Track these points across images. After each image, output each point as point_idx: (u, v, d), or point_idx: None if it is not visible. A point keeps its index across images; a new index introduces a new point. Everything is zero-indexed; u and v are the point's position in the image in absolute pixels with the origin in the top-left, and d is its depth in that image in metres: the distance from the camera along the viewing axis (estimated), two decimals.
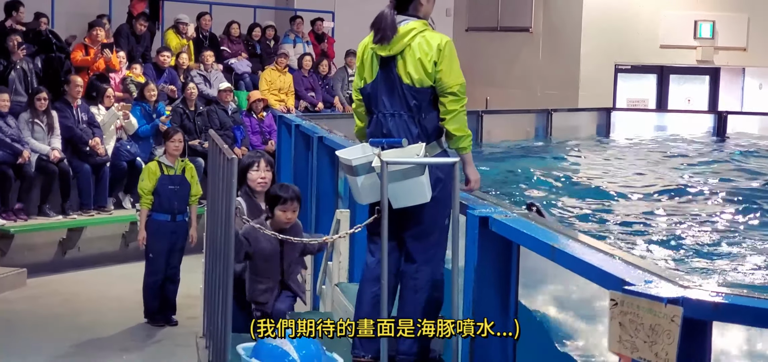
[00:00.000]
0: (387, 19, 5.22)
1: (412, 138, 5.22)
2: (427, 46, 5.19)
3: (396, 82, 5.25)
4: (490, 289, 4.77)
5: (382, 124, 5.31)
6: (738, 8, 20.70)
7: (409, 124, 5.24)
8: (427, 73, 5.18)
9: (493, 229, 4.64)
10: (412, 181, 4.99)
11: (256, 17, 17.91)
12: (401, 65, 5.24)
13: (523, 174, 13.06)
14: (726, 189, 11.63)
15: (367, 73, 5.40)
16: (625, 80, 21.66)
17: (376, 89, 5.34)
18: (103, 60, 13.45)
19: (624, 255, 3.76)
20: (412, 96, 5.22)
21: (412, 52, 5.21)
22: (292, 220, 6.36)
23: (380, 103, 5.32)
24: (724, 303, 3.11)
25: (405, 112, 5.24)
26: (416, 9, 5.31)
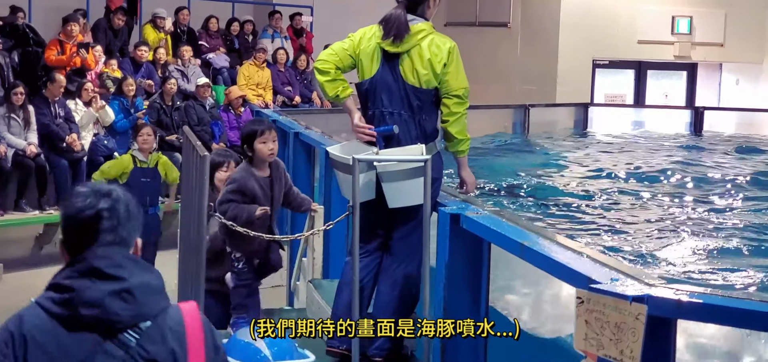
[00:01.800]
0: (400, 18, 5.26)
1: (411, 138, 5.25)
2: (437, 48, 5.24)
3: (398, 81, 5.28)
4: (462, 286, 4.81)
5: (378, 122, 5.33)
6: (715, 4, 20.81)
7: (409, 124, 5.27)
8: (436, 74, 5.23)
9: (464, 227, 4.67)
10: (413, 182, 5.02)
11: (235, 12, 17.87)
12: (407, 64, 5.26)
13: (499, 169, 13.11)
14: (697, 187, 11.71)
15: (367, 68, 5.39)
16: (603, 75, 21.75)
17: (375, 85, 5.35)
18: (79, 58, 13.34)
19: (592, 254, 3.80)
20: (416, 96, 5.25)
21: (421, 52, 5.25)
22: (274, 152, 6.17)
23: (378, 101, 5.33)
24: (688, 301, 3.16)
25: (405, 111, 5.27)
26: (424, 11, 5.37)
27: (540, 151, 15.69)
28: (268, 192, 6.12)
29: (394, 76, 5.28)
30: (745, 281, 6.98)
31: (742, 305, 3.14)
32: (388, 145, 5.26)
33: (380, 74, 5.32)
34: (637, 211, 9.76)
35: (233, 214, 5.96)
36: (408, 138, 5.24)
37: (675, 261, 7.39)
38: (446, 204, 5.01)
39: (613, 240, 8.01)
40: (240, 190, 6.03)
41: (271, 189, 6.16)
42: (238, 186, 6.04)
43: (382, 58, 5.33)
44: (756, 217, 9.51)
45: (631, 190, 11.40)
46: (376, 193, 5.16)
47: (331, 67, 5.44)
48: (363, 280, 5.36)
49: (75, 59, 13.24)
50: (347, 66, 5.50)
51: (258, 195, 6.05)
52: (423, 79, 5.24)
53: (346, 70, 5.52)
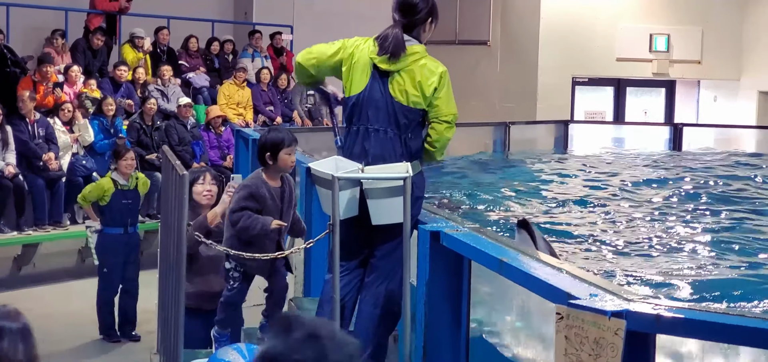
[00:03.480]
0: (398, 38, 5.28)
1: (396, 156, 5.25)
2: (429, 71, 5.27)
3: (386, 98, 5.28)
4: (442, 303, 4.80)
5: (362, 138, 5.33)
6: (692, 22, 20.95)
7: (395, 143, 5.27)
8: (425, 96, 5.25)
9: (444, 244, 4.67)
10: (398, 200, 5.02)
11: (215, 31, 17.86)
12: (397, 83, 5.27)
13: (480, 187, 13.13)
14: (675, 202, 11.77)
15: (356, 83, 5.39)
16: (582, 93, 21.84)
17: (362, 101, 5.35)
18: (53, 98, 13.19)
19: (571, 269, 3.81)
20: (404, 114, 5.26)
21: (413, 73, 5.26)
22: (293, 165, 6.03)
23: (364, 116, 5.33)
24: (667, 316, 3.17)
25: (392, 129, 5.28)
26: (419, 34, 5.40)
27: (520, 168, 15.72)
28: (278, 204, 5.95)
29: (382, 93, 5.29)
30: (724, 295, 7.01)
31: (720, 319, 3.15)
32: (370, 162, 5.26)
33: (369, 90, 5.33)
34: (617, 227, 9.79)
35: (245, 225, 5.77)
36: (393, 156, 5.25)
37: (654, 276, 7.42)
38: (426, 221, 5.02)
39: (593, 255, 8.03)
40: (252, 195, 5.84)
41: (281, 201, 5.99)
42: (250, 191, 5.86)
43: (372, 74, 5.34)
44: (734, 232, 9.56)
45: (611, 206, 11.44)
46: (359, 210, 5.15)
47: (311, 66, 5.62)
48: (344, 298, 5.35)
49: (48, 99, 13.09)
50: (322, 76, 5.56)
51: (268, 203, 5.88)
52: (412, 99, 5.25)
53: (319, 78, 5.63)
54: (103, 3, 15.70)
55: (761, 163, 17.05)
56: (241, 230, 5.79)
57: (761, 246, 8.87)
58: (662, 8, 20.96)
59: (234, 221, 5.83)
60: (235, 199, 5.98)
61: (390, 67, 5.29)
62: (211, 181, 6.80)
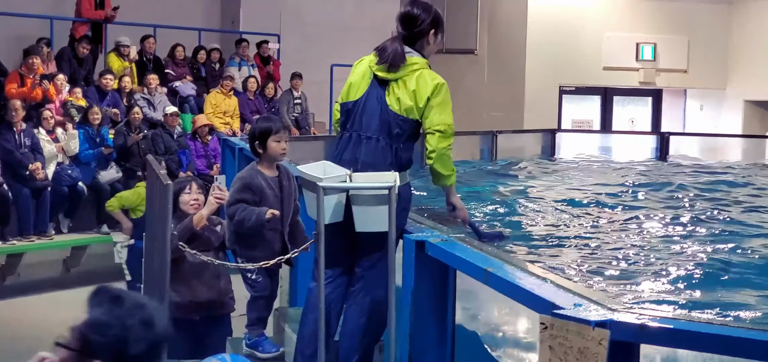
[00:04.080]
0: (396, 49, 5.30)
1: (386, 165, 5.25)
2: (424, 82, 5.27)
3: (382, 106, 5.29)
4: (428, 313, 4.79)
5: (354, 145, 5.33)
6: (678, 31, 21.03)
7: (386, 152, 5.28)
8: (418, 106, 5.25)
9: (429, 253, 4.66)
10: (383, 209, 5.01)
11: (201, 40, 17.83)
12: (393, 91, 5.29)
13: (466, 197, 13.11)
14: (661, 212, 11.78)
15: (355, 90, 5.43)
16: (569, 102, 21.90)
17: (358, 108, 5.37)
18: (41, 90, 13.20)
19: (555, 279, 3.80)
20: (397, 123, 5.27)
21: (408, 82, 5.27)
22: (286, 151, 6.00)
23: (357, 123, 5.34)
24: (651, 326, 3.16)
25: (384, 137, 5.27)
26: (422, 47, 5.42)
27: (507, 176, 15.73)
28: (277, 192, 5.90)
29: (378, 101, 5.31)
30: (708, 305, 7.01)
31: (704, 329, 3.15)
32: (359, 169, 5.25)
33: (366, 98, 5.36)
34: (602, 236, 9.78)
35: (241, 218, 5.72)
36: (383, 164, 5.25)
37: (639, 285, 7.41)
38: (411, 230, 5.01)
39: (579, 265, 8.02)
40: (247, 187, 5.80)
41: (280, 190, 5.94)
42: (245, 182, 5.80)
43: (372, 83, 5.35)
44: (719, 242, 9.56)
45: (597, 215, 11.44)
46: (344, 216, 5.14)
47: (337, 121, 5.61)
48: (329, 306, 5.33)
49: (36, 91, 13.10)
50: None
51: (266, 193, 5.83)
52: (404, 107, 5.26)
53: None
54: (88, 11, 15.66)
55: (747, 172, 17.09)
56: (238, 223, 5.74)
57: (746, 256, 8.87)
58: (649, 17, 21.04)
59: (230, 215, 5.79)
60: (230, 193, 5.93)
61: (388, 76, 5.30)
62: (198, 190, 6.75)
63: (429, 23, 5.41)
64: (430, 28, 5.42)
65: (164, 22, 17.03)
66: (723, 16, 21.13)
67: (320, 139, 14.21)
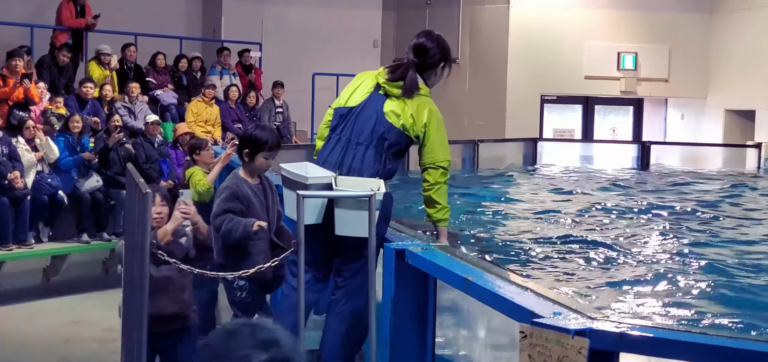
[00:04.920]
0: (413, 80, 5.46)
1: (373, 172, 5.30)
2: (424, 111, 5.44)
3: (379, 116, 5.39)
4: (408, 321, 4.78)
5: (342, 149, 5.36)
6: (659, 40, 21.10)
7: (375, 160, 5.36)
8: (415, 128, 5.41)
9: (409, 262, 4.65)
10: (365, 214, 5.01)
11: (183, 48, 17.79)
12: (392, 105, 5.40)
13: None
14: (642, 221, 11.81)
15: (353, 98, 5.53)
16: (551, 111, 21.94)
17: (354, 114, 5.44)
18: (22, 89, 13.16)
19: (535, 288, 3.80)
20: (391, 134, 5.40)
21: (408, 105, 5.41)
22: (268, 169, 5.93)
23: (348, 129, 5.40)
24: (630, 334, 3.16)
25: (375, 145, 5.35)
26: (430, 77, 5.61)
27: (488, 185, 15.74)
28: (262, 200, 5.81)
29: (376, 111, 5.41)
30: (687, 314, 7.04)
31: (684, 338, 3.15)
32: (344, 173, 5.28)
33: (363, 106, 5.45)
34: (582, 245, 9.81)
35: (228, 228, 5.60)
36: (369, 170, 5.30)
37: (619, 294, 7.43)
38: (391, 239, 5.00)
39: (559, 274, 8.04)
40: (235, 196, 5.69)
41: (264, 198, 5.85)
42: (232, 191, 5.71)
43: (372, 93, 5.44)
44: (699, 252, 9.61)
45: (578, 224, 11.47)
46: (325, 220, 5.14)
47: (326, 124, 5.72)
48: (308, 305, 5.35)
49: (18, 90, 13.05)
50: None
51: (253, 201, 5.74)
52: (403, 123, 5.40)
53: None
54: (69, 19, 15.60)
55: (728, 181, 17.17)
56: (225, 235, 5.65)
57: (726, 266, 8.91)
58: (630, 27, 21.10)
59: (216, 226, 5.69)
60: (217, 203, 5.84)
61: (393, 92, 5.43)
62: (161, 202, 6.43)
63: (439, 56, 5.59)
64: (440, 61, 5.61)
65: (145, 31, 16.99)
66: (703, 26, 21.23)
67: (302, 148, 14.19)
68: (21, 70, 13.39)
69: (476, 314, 5.22)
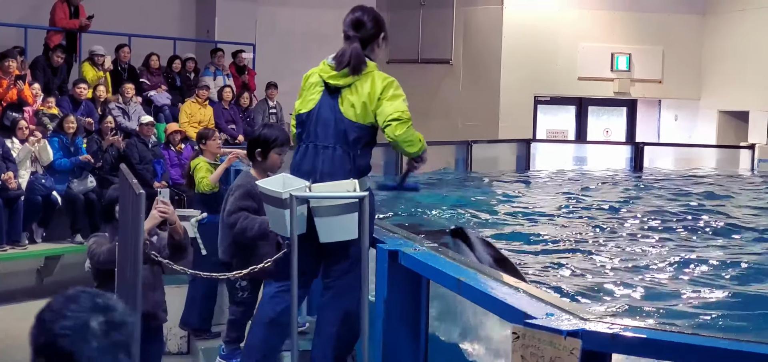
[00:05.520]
0: (358, 51, 5.33)
1: (345, 173, 5.25)
2: (374, 83, 5.30)
3: (336, 115, 5.31)
4: (401, 322, 4.79)
5: (312, 156, 5.33)
6: (653, 41, 21.13)
7: (344, 160, 5.28)
8: (371, 109, 5.27)
9: (402, 263, 4.66)
10: (346, 217, 5.00)
11: (176, 49, 17.77)
12: (346, 99, 5.31)
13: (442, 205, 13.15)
14: (635, 221, 11.83)
15: (307, 101, 5.45)
16: (544, 112, 21.96)
17: (312, 118, 5.38)
18: (16, 90, 13.14)
19: (528, 288, 3.80)
20: (353, 130, 5.28)
21: (360, 88, 5.30)
22: (281, 165, 5.95)
23: (313, 134, 5.35)
24: (623, 335, 3.16)
25: (341, 146, 5.28)
26: (372, 51, 5.47)
27: (482, 186, 15.76)
28: None
29: (332, 110, 5.31)
30: (680, 315, 7.05)
31: (677, 339, 3.15)
32: (317, 179, 5.25)
33: (319, 107, 5.36)
34: (575, 246, 9.83)
35: (243, 226, 5.62)
36: (342, 172, 5.25)
37: (612, 295, 7.45)
38: (384, 240, 5.00)
39: (551, 275, 8.05)
40: (248, 194, 5.72)
41: None
42: (246, 190, 5.73)
43: (323, 92, 5.35)
44: (693, 253, 9.63)
45: (571, 225, 11.49)
46: (307, 228, 5.14)
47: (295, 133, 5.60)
48: (279, 317, 5.35)
49: (11, 92, 13.04)
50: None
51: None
52: (359, 113, 5.28)
53: None
54: (63, 20, 15.58)
55: (721, 182, 17.20)
56: (240, 232, 5.64)
57: (719, 267, 8.93)
58: (623, 28, 21.14)
59: (231, 223, 5.69)
60: (230, 201, 5.83)
61: (339, 83, 5.32)
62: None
63: (377, 29, 5.48)
64: (377, 33, 5.48)
65: (139, 32, 16.97)
66: (697, 27, 21.27)
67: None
68: (14, 71, 13.37)
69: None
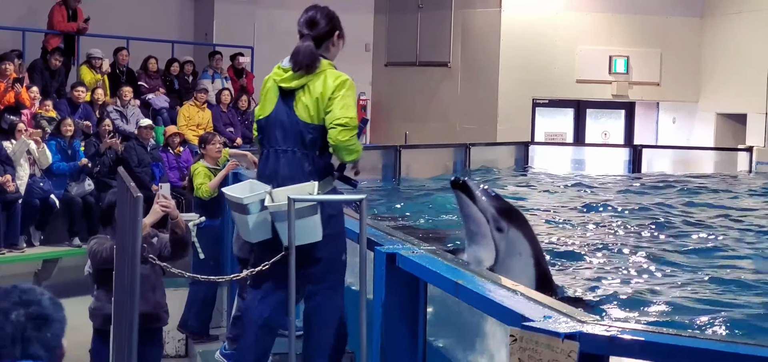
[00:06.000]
0: (311, 49, 5.32)
1: (304, 176, 5.24)
2: (327, 82, 5.27)
3: (292, 118, 5.30)
4: (399, 325, 4.78)
5: (272, 160, 5.34)
6: (651, 44, 21.14)
7: (303, 162, 5.27)
8: (324, 108, 5.25)
9: (400, 266, 4.65)
10: (308, 220, 5.01)
11: (175, 52, 17.77)
12: (300, 100, 5.29)
13: (439, 207, 13.16)
14: (633, 224, 11.84)
15: (264, 106, 5.46)
16: (542, 114, 21.97)
17: (270, 123, 5.39)
18: (13, 93, 13.14)
19: (526, 291, 3.80)
20: (308, 131, 5.26)
21: (313, 87, 5.28)
22: None
23: (272, 139, 5.36)
24: (620, 338, 3.16)
25: (299, 148, 5.27)
26: (327, 49, 5.44)
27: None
28: None
29: (288, 113, 5.32)
30: (678, 318, 7.06)
31: (674, 341, 3.15)
32: (279, 184, 5.25)
33: (275, 112, 5.38)
34: (573, 248, 9.83)
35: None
36: (302, 175, 5.25)
37: (610, 298, 7.45)
38: (382, 243, 5.00)
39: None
40: None
41: None
42: None
43: (279, 96, 5.37)
44: (691, 256, 9.64)
45: (568, 228, 11.50)
46: (273, 232, 5.16)
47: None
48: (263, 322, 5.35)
49: (9, 94, 13.03)
50: None
51: None
52: (313, 114, 5.27)
53: None
54: (60, 23, 15.58)
55: (720, 185, 17.22)
56: None
57: (717, 270, 8.94)
58: (621, 30, 21.15)
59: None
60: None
61: (291, 85, 5.32)
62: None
63: (331, 26, 5.47)
64: (333, 30, 5.48)
65: (137, 35, 16.96)
66: (695, 30, 21.28)
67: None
68: (12, 74, 13.37)
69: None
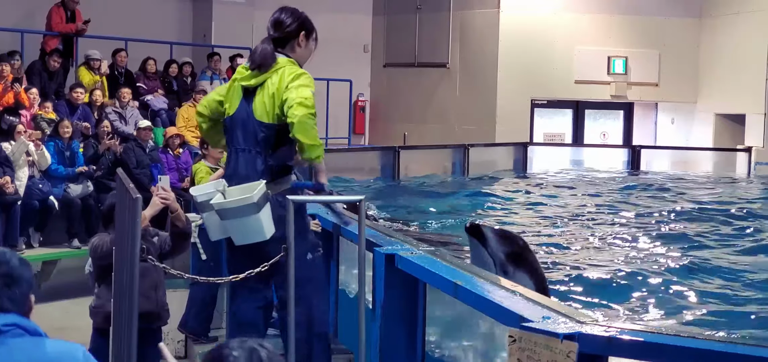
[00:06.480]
0: (266, 50, 5.36)
1: (257, 174, 5.26)
2: (281, 79, 5.30)
3: (250, 117, 5.35)
4: (398, 326, 4.78)
5: (233, 160, 5.42)
6: (649, 45, 21.15)
7: (257, 160, 5.31)
8: (276, 103, 5.27)
9: (399, 267, 4.66)
10: (248, 219, 5.02)
11: (173, 53, 17.77)
12: (258, 99, 5.34)
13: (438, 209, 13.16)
14: (632, 224, 11.84)
15: (229, 107, 5.50)
16: (541, 115, 21.97)
17: (233, 123, 5.45)
18: (12, 94, 13.14)
19: (524, 292, 3.80)
20: (262, 129, 5.29)
21: (269, 85, 5.31)
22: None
23: (235, 138, 5.43)
24: (619, 338, 3.17)
25: (254, 147, 5.32)
26: (293, 48, 5.50)
27: (479, 190, 15.76)
28: None
29: (247, 112, 5.37)
30: (677, 318, 7.06)
31: (672, 341, 3.15)
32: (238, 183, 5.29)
33: (238, 111, 5.44)
34: (572, 249, 9.84)
35: None
36: (254, 174, 5.29)
37: (608, 298, 7.46)
38: (381, 244, 5.00)
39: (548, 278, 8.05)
40: None
41: None
42: None
43: (242, 96, 5.40)
44: (689, 255, 9.64)
45: (566, 229, 11.50)
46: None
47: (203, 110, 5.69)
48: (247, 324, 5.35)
49: (8, 96, 13.03)
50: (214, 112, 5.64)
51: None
52: (269, 112, 5.29)
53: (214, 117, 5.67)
54: (59, 25, 15.57)
55: (718, 185, 17.23)
56: None
57: (716, 270, 8.94)
58: (620, 31, 21.16)
59: None
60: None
61: (250, 83, 5.36)
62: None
63: (297, 26, 5.50)
64: (299, 30, 5.50)
65: (136, 36, 16.96)
66: (693, 30, 21.29)
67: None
68: (9, 76, 13.37)
69: None
